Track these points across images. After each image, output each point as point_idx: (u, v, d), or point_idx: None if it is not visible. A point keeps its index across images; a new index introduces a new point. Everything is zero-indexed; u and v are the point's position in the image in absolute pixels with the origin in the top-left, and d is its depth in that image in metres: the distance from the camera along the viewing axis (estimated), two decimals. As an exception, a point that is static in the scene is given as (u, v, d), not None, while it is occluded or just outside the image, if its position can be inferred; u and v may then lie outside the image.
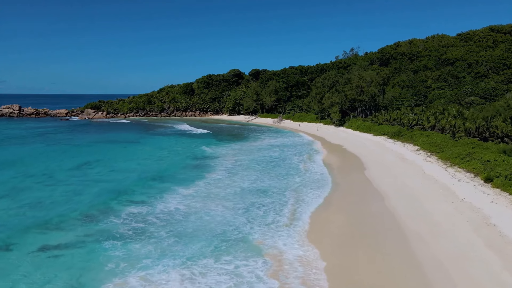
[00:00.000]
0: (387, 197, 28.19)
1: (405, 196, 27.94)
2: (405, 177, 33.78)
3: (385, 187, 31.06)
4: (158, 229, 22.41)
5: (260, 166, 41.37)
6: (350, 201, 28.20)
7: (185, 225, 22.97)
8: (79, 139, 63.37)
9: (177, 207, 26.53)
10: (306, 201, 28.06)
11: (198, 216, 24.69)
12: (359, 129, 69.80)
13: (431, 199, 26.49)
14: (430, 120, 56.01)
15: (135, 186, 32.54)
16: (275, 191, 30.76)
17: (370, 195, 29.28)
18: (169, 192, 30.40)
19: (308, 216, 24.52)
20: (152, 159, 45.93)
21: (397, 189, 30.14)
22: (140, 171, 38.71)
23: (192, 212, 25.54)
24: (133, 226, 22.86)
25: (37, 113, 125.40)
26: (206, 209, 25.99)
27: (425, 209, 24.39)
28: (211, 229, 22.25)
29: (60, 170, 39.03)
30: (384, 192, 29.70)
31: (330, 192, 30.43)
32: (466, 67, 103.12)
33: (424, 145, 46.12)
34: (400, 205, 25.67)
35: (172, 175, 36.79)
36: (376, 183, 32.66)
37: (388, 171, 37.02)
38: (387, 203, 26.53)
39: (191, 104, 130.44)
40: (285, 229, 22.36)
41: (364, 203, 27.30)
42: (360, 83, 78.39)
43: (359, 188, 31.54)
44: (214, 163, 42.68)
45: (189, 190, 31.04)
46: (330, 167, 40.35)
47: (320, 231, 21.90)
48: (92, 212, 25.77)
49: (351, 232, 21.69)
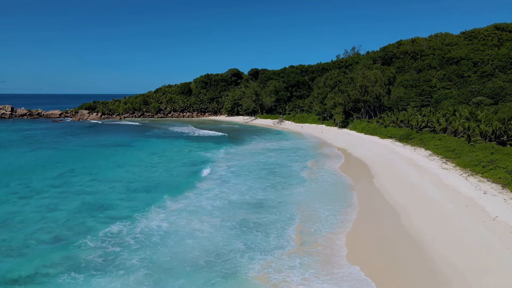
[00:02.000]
0: (404, 213, 24.65)
1: (426, 212, 24.39)
2: (421, 187, 30.23)
3: (400, 200, 27.54)
4: (132, 255, 18.90)
5: (259, 173, 37.82)
6: (360, 219, 24.63)
7: (162, 251, 19.36)
8: (67, 143, 59.75)
9: (160, 225, 23.04)
10: (312, 219, 24.52)
11: (179, 238, 21.09)
12: (364, 131, 66.23)
13: (457, 216, 22.92)
14: (441, 122, 52.44)
15: (119, 199, 28.99)
16: (277, 205, 27.24)
17: (383, 210, 25.72)
18: (156, 206, 26.87)
19: (309, 240, 20.97)
20: (143, 165, 42.36)
21: (414, 203, 26.59)
22: (127, 180, 35.14)
23: (174, 232, 21.99)
24: (106, 251, 19.35)
25: (30, 114, 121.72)
26: (192, 229, 22.39)
27: (455, 232, 20.78)
28: (194, 259, 18.45)
29: (39, 178, 35.43)
30: (399, 206, 26.16)
31: (340, 208, 26.89)
32: (471, 66, 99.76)
33: (437, 150, 42.58)
34: (422, 226, 22.11)
35: (162, 185, 33.23)
36: (388, 195, 29.13)
37: (401, 180, 33.47)
38: (405, 222, 22.98)
39: (189, 105, 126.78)
40: (294, 256, 18.64)
41: (378, 221, 23.74)
42: (364, 83, 74.80)
43: (369, 202, 27.96)
44: (208, 170, 39.10)
45: (177, 203, 27.48)
46: (336, 176, 36.82)
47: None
48: (64, 233, 22.22)
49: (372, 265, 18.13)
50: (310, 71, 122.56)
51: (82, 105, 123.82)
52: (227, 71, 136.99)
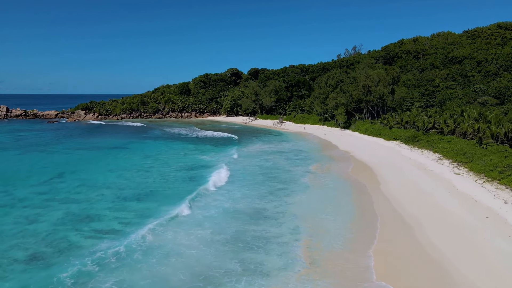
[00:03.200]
0: (418, 225, 22.38)
1: (443, 225, 22.11)
2: (434, 195, 27.97)
3: (412, 210, 25.28)
4: (109, 276, 16.72)
5: (258, 179, 35.57)
6: (370, 233, 22.37)
7: (142, 272, 17.06)
8: (59, 145, 57.45)
9: (145, 239, 20.76)
10: (319, 231, 22.26)
11: (163, 255, 18.81)
12: (367, 132, 63.97)
13: (480, 231, 20.66)
14: (448, 124, 50.20)
15: (107, 209, 26.72)
16: (278, 215, 24.99)
17: (394, 222, 23.44)
18: (145, 216, 24.76)
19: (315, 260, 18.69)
20: (136, 170, 40.08)
21: (428, 213, 24.33)
22: (118, 187, 32.86)
23: (158, 247, 19.74)
24: (82, 271, 17.08)
25: (26, 114, 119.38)
26: (178, 244, 20.12)
27: (479, 251, 18.43)
28: (177, 284, 15.91)
29: (24, 185, 33.15)
30: (411, 217, 23.89)
31: (342, 218, 24.64)
32: (475, 65, 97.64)
33: (446, 153, 40.34)
34: (441, 241, 19.82)
35: (154, 193, 30.95)
36: (398, 204, 26.86)
37: (411, 186, 31.20)
38: (420, 237, 20.72)
39: (187, 105, 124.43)
40: (305, 280, 16.18)
41: (391, 236, 21.49)
42: (367, 82, 72.55)
43: (378, 212, 25.69)
44: (205, 175, 36.83)
45: (168, 213, 25.12)
46: (340, 182, 34.59)
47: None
48: (42, 251, 19.95)
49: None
50: (311, 71, 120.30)
51: (79, 106, 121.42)
52: (226, 71, 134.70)
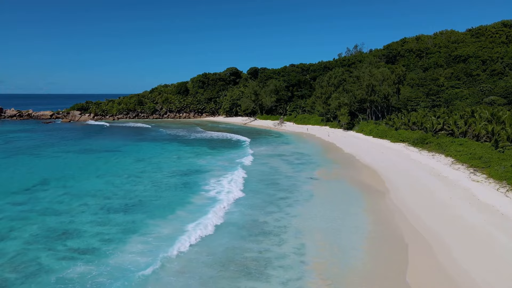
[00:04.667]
0: (440, 244, 19.55)
1: (470, 245, 19.23)
2: (453, 207, 25.14)
3: (431, 224, 22.44)
4: None
5: (257, 187, 32.78)
6: (387, 255, 19.55)
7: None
8: (50, 148, 54.60)
9: (119, 270, 17.93)
10: (328, 250, 19.45)
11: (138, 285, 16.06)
12: (372, 134, 61.15)
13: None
14: (459, 125, 47.38)
15: (88, 223, 23.92)
16: (280, 231, 22.21)
17: (412, 241, 20.62)
18: (129, 232, 22.18)
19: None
20: (126, 175, 37.27)
21: (450, 229, 21.46)
22: (104, 196, 30.06)
23: (138, 277, 16.94)
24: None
25: (20, 115, 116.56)
26: (159, 268, 17.37)
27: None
28: None
29: (2, 193, 30.35)
30: (430, 234, 21.07)
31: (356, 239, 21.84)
32: (480, 64, 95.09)
33: (460, 157, 37.54)
34: (473, 268, 16.96)
35: (143, 203, 28.13)
36: (413, 217, 24.04)
37: (426, 196, 28.35)
38: (445, 260, 17.89)
39: (185, 105, 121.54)
40: None
41: (410, 257, 18.66)
42: (371, 82, 69.70)
43: (391, 227, 22.86)
44: (200, 182, 34.06)
45: (155, 230, 22.42)
46: (347, 189, 31.81)
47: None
48: (6, 277, 17.15)
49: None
50: (312, 70, 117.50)
51: (74, 106, 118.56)
52: (225, 70, 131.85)
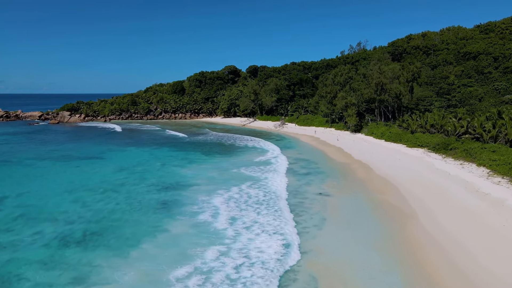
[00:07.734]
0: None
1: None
2: (510, 239, 19.29)
3: (490, 266, 16.62)
4: None
5: (256, 207, 26.93)
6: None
7: None
8: (24, 154, 48.70)
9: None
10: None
11: None
12: (384, 137, 55.21)
13: None
14: (487, 128, 41.51)
15: (32, 263, 18.11)
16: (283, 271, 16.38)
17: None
18: (80, 281, 16.11)
19: None
20: (102, 189, 31.42)
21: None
22: (67, 220, 24.22)
23: None
24: None
25: (7, 116, 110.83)
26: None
27: None
28: None
29: None
30: (493, 281, 15.25)
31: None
32: (491, 61, 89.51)
33: (498, 167, 31.67)
34: None
35: (111, 230, 22.30)
36: (461, 254, 18.21)
37: (472, 222, 22.41)
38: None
39: (181, 105, 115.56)
40: None
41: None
42: (381, 80, 63.82)
43: (430, 270, 17.04)
44: (185, 200, 28.18)
45: (110, 276, 16.56)
46: (365, 211, 25.97)
47: None
48: None
49: None
50: (314, 68, 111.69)
51: (64, 106, 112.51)
52: (223, 68, 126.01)
